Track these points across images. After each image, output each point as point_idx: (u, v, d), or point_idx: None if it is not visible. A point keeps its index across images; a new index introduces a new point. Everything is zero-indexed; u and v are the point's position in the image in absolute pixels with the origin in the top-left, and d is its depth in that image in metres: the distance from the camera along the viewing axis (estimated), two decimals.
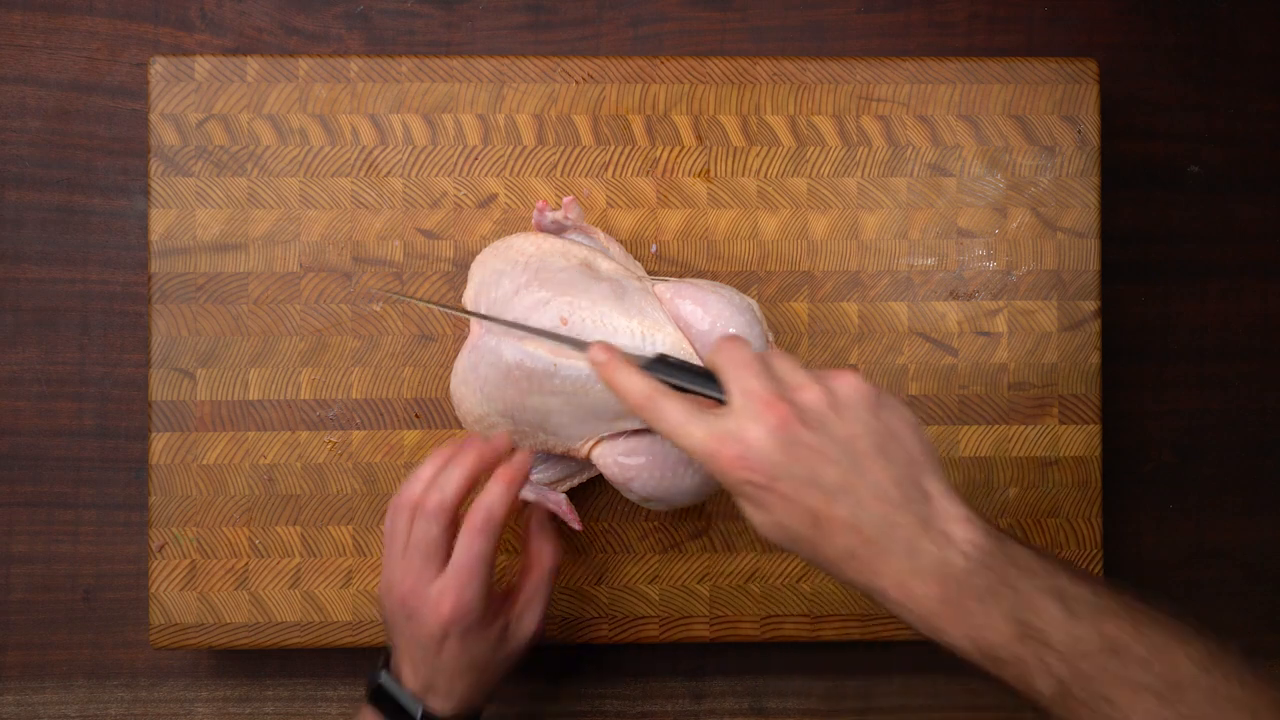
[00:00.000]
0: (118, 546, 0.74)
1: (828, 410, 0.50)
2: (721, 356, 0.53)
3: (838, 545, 0.49)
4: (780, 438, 0.49)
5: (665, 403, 0.52)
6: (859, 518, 0.49)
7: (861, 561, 0.49)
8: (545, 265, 0.63)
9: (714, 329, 0.61)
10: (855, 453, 0.50)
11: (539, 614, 0.62)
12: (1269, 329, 0.79)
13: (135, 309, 0.74)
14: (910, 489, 0.49)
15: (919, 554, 0.48)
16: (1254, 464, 0.79)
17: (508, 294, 0.62)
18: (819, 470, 0.49)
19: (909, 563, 0.48)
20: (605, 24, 0.77)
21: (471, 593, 0.57)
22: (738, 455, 0.49)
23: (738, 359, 0.52)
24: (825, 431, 0.50)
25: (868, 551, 0.49)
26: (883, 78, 0.71)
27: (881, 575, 0.49)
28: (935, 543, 0.48)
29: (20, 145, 0.74)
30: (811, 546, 0.50)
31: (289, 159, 0.70)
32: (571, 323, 0.60)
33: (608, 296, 0.61)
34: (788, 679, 0.76)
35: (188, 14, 0.75)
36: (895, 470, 0.50)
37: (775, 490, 0.49)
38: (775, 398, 0.50)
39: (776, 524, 0.50)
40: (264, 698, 0.75)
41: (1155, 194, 0.79)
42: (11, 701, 0.74)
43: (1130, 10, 0.79)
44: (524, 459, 0.61)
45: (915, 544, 0.48)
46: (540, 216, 0.66)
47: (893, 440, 0.50)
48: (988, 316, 0.72)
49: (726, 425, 0.50)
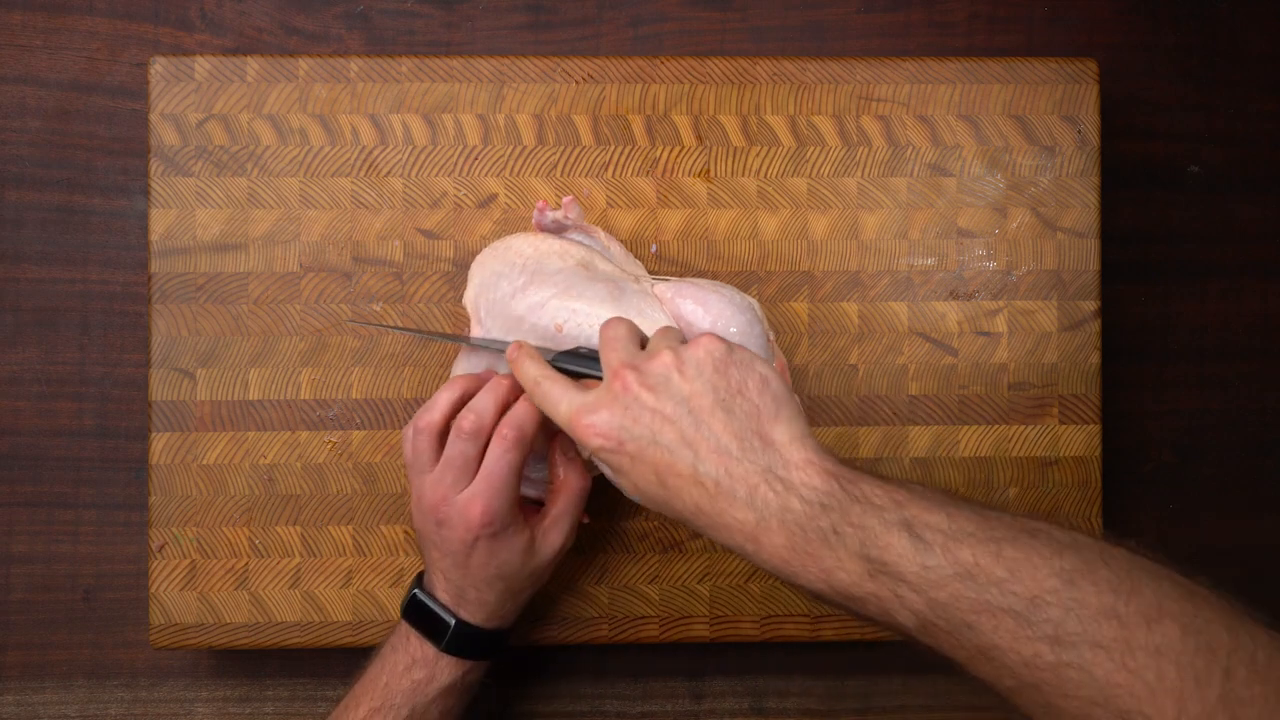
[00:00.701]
0: (118, 546, 0.74)
1: (672, 371, 0.52)
2: (600, 337, 0.56)
3: (686, 501, 0.51)
4: (623, 400, 0.52)
5: (548, 385, 0.56)
6: (699, 472, 0.50)
7: (709, 516, 0.50)
8: (543, 267, 0.63)
9: (715, 328, 0.61)
10: (694, 409, 0.51)
11: (566, 530, 0.64)
12: (1269, 329, 0.79)
13: (135, 309, 0.74)
14: (750, 439, 0.50)
15: (760, 503, 0.49)
16: (1254, 464, 0.79)
17: (506, 295, 0.62)
18: (658, 429, 0.51)
19: (753, 514, 0.49)
20: (605, 24, 0.77)
21: (501, 500, 0.60)
22: (589, 423, 0.52)
23: (608, 337, 0.56)
24: (666, 392, 0.51)
25: (713, 506, 0.50)
26: (883, 78, 0.71)
27: (730, 529, 0.50)
28: (774, 490, 0.49)
29: (20, 145, 0.74)
30: (666, 505, 0.52)
31: (289, 159, 0.70)
32: (568, 326, 0.61)
33: (605, 298, 0.61)
34: (788, 679, 0.76)
35: (188, 14, 0.75)
36: (735, 424, 0.50)
37: (623, 452, 0.52)
38: (623, 366, 0.53)
39: (633, 486, 0.52)
40: (264, 698, 0.75)
41: (1155, 194, 0.79)
42: (11, 701, 0.74)
43: (1130, 10, 0.79)
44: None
45: (756, 494, 0.49)
46: (540, 216, 0.66)
47: (737, 395, 0.51)
48: (988, 316, 0.72)
49: (585, 398, 0.54)
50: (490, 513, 0.59)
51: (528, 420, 0.60)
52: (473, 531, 0.60)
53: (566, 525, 0.64)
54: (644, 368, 0.53)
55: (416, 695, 0.62)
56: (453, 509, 0.60)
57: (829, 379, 0.71)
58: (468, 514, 0.59)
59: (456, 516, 0.60)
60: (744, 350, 0.53)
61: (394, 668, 0.62)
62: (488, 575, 0.61)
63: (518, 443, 0.60)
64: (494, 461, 0.60)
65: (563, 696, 0.75)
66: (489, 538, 0.60)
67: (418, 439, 0.62)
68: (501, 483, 0.60)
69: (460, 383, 0.63)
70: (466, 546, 0.60)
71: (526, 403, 0.61)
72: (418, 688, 0.62)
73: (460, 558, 0.61)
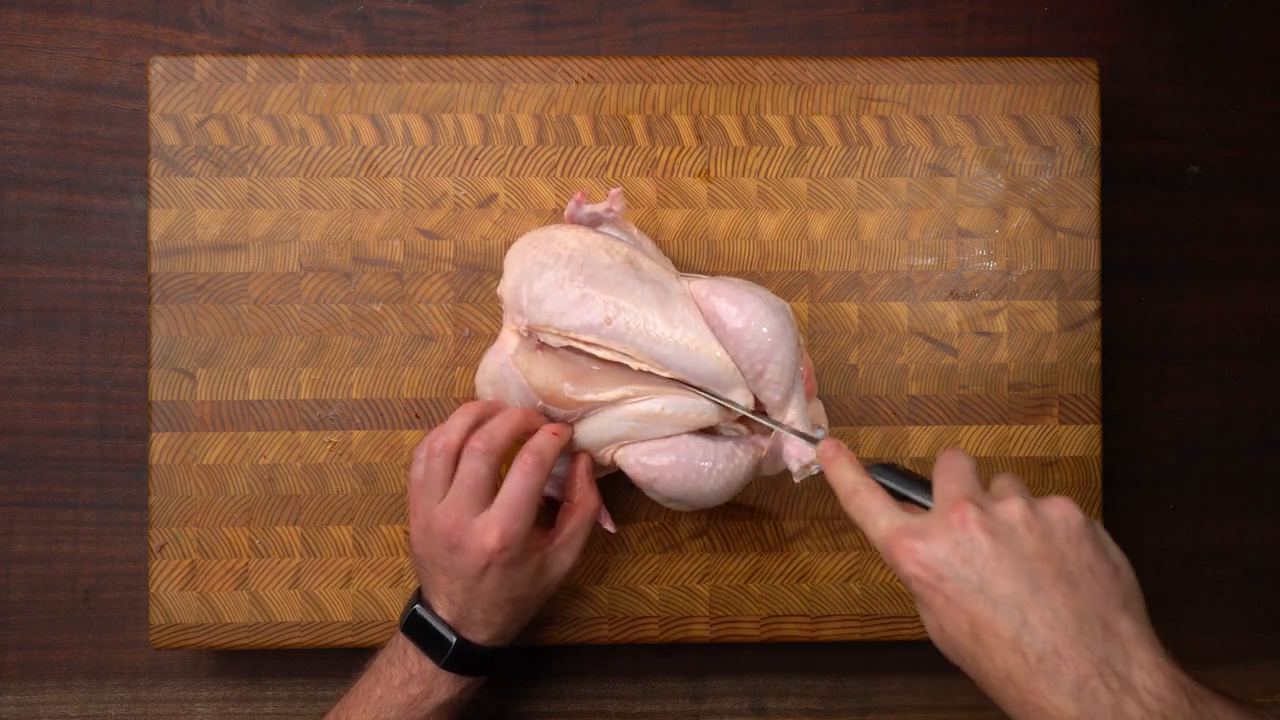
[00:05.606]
0: (118, 546, 0.74)
1: (1019, 523, 0.48)
2: (939, 465, 0.53)
3: (997, 665, 0.46)
4: (957, 537, 0.48)
5: (868, 495, 0.53)
6: (1023, 639, 0.46)
7: (1018, 689, 0.46)
8: (590, 261, 0.62)
9: (748, 328, 0.61)
10: (1035, 571, 0.47)
11: (576, 552, 0.64)
12: (1269, 329, 0.79)
13: (135, 309, 0.74)
14: (1092, 622, 0.46)
15: (1088, 696, 0.44)
16: (1254, 464, 0.79)
17: (550, 286, 0.62)
18: (990, 579, 0.47)
19: (1074, 706, 0.44)
20: (605, 24, 0.77)
21: (518, 525, 0.59)
22: (910, 548, 0.49)
23: (951, 466, 0.52)
24: (1009, 544, 0.48)
25: (1028, 682, 0.45)
26: (883, 78, 0.71)
27: (1042, 713, 0.45)
28: (1110, 686, 0.44)
29: (20, 145, 0.74)
30: (972, 661, 0.48)
31: (289, 159, 0.70)
32: (615, 323, 0.61)
33: (651, 301, 0.61)
34: (788, 679, 0.76)
35: (188, 14, 0.75)
36: (1078, 600, 0.46)
37: (940, 590, 0.48)
38: (965, 500, 0.49)
39: (939, 628, 0.49)
40: (264, 698, 0.74)
41: (1155, 194, 0.79)
42: (11, 701, 0.74)
43: (1130, 10, 0.79)
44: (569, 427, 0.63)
45: (1085, 684, 0.44)
46: (576, 209, 0.65)
47: (1086, 572, 0.47)
48: (988, 316, 0.72)
49: (910, 519, 0.50)
50: (507, 538, 0.59)
51: (548, 448, 0.60)
52: (487, 557, 0.59)
53: (578, 545, 0.63)
54: (990, 509, 0.49)
55: (412, 710, 0.61)
56: (468, 534, 0.59)
57: (829, 379, 0.71)
58: (484, 539, 0.59)
59: (471, 541, 0.59)
60: (1100, 529, 0.50)
61: (389, 681, 0.61)
62: (498, 599, 0.61)
63: (537, 467, 0.60)
64: (514, 487, 0.59)
65: (563, 696, 0.75)
66: (503, 564, 0.59)
67: (432, 461, 0.61)
68: (519, 508, 0.59)
69: (475, 408, 0.63)
70: (479, 571, 0.60)
71: (547, 432, 0.61)
72: (414, 703, 0.61)
73: (471, 582, 0.60)
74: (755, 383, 0.62)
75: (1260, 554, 0.79)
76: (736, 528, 0.71)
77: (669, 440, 0.62)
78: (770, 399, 0.62)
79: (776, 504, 0.71)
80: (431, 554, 0.61)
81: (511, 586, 0.61)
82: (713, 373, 0.61)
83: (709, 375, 0.61)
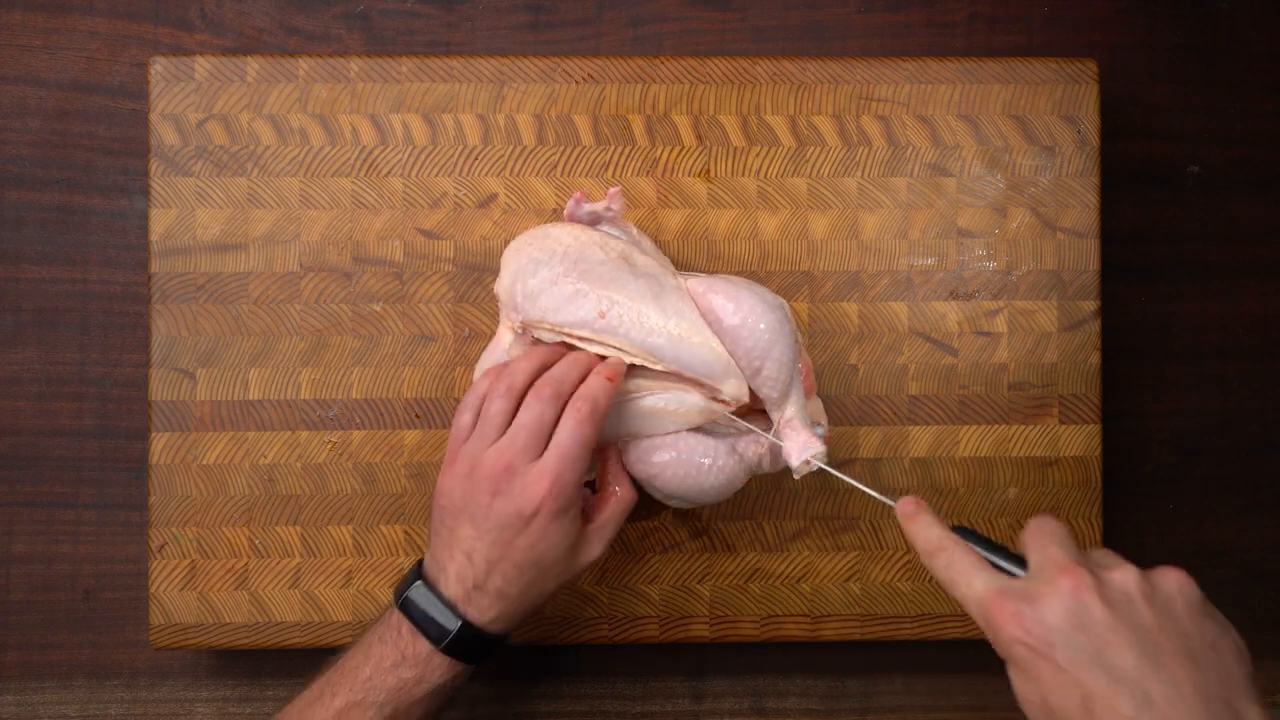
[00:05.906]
0: (118, 546, 0.74)
1: (1136, 594, 0.46)
2: (1031, 529, 0.51)
3: None
4: (1070, 603, 0.45)
5: (960, 554, 0.50)
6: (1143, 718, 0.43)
7: None
8: (584, 257, 0.62)
9: (744, 324, 0.61)
10: (1156, 646, 0.44)
11: (606, 542, 0.61)
12: (1269, 329, 0.79)
13: (135, 309, 0.74)
14: (1220, 707, 0.43)
15: None
16: (1254, 464, 0.79)
17: (544, 283, 0.62)
18: (1108, 651, 0.44)
19: None
20: (605, 24, 0.77)
21: (571, 475, 0.57)
22: (1015, 612, 0.46)
23: (1048, 530, 0.50)
24: (1127, 614, 0.45)
25: None
26: (883, 78, 0.71)
27: None
28: None
29: (20, 145, 0.74)
30: None
31: (289, 159, 0.70)
32: (609, 317, 0.61)
33: (645, 294, 0.61)
34: (788, 679, 0.76)
35: (188, 14, 0.75)
36: (1204, 680, 0.44)
37: (1049, 659, 0.45)
38: (1076, 565, 0.47)
39: (1041, 700, 0.45)
40: (264, 698, 0.74)
41: (1155, 194, 0.79)
42: (11, 701, 0.74)
43: (1130, 10, 0.79)
44: (622, 361, 0.62)
45: None
46: (575, 208, 0.65)
47: (1210, 650, 0.45)
48: (988, 316, 0.72)
49: (1013, 583, 0.48)
50: (559, 486, 0.57)
51: (602, 395, 0.58)
52: (536, 503, 0.57)
53: (608, 534, 0.61)
54: (1103, 577, 0.46)
55: (402, 694, 0.58)
56: (519, 479, 0.57)
57: (829, 379, 0.71)
58: (536, 486, 0.57)
59: (523, 488, 0.57)
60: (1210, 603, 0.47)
61: (380, 661, 0.58)
62: (527, 559, 0.58)
63: (591, 416, 0.58)
64: (566, 435, 0.58)
65: (563, 696, 0.75)
66: (550, 514, 0.57)
67: (493, 402, 0.59)
68: (573, 458, 0.57)
69: (539, 353, 0.61)
70: (523, 520, 0.57)
71: (600, 376, 0.59)
72: (404, 686, 0.58)
73: (508, 533, 0.57)
74: (753, 379, 0.62)
75: (1260, 554, 0.79)
76: (736, 528, 0.71)
77: (669, 437, 0.62)
78: (769, 395, 0.62)
79: (776, 504, 0.71)
80: (467, 503, 0.58)
81: (546, 547, 0.58)
82: (706, 362, 0.61)
83: (702, 365, 0.61)
